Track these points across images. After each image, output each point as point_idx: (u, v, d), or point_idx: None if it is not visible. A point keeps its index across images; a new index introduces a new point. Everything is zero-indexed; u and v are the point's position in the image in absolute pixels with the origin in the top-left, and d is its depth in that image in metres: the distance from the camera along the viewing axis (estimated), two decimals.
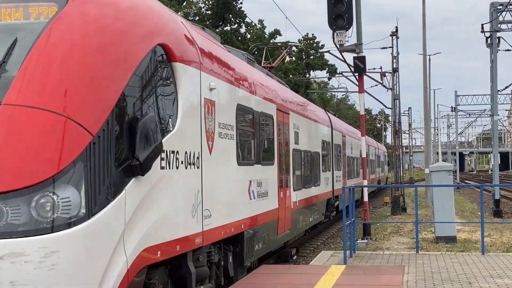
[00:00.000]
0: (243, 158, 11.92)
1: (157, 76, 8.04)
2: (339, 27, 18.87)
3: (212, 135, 9.84)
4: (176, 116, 8.53)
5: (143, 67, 7.62)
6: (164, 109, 8.20)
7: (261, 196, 13.04)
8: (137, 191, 7.22)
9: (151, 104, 7.83)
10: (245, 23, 50.20)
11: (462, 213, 29.65)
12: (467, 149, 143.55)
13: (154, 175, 7.57)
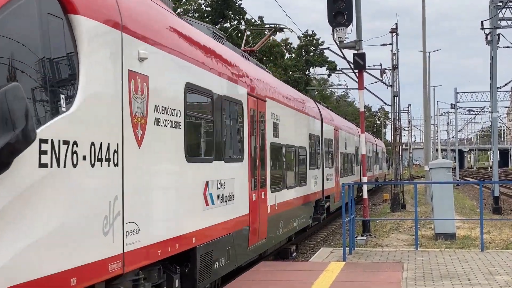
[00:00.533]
0: (195, 153, 9.55)
1: (37, 31, 5.78)
2: (339, 24, 18.86)
3: (142, 122, 7.49)
4: (74, 91, 6.21)
5: (11, 17, 5.44)
6: (51, 79, 5.91)
7: (224, 201, 10.65)
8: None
9: (26, 72, 5.58)
10: (245, 20, 50.14)
11: (461, 210, 29.67)
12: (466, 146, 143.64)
13: (23, 176, 5.37)
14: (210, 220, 9.91)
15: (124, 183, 6.96)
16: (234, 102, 11.55)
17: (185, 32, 9.52)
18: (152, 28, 8.10)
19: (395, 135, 37.31)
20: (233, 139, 11.67)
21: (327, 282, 10.97)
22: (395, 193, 31.73)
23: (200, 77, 9.68)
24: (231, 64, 11.75)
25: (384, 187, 54.75)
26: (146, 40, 7.76)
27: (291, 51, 58.34)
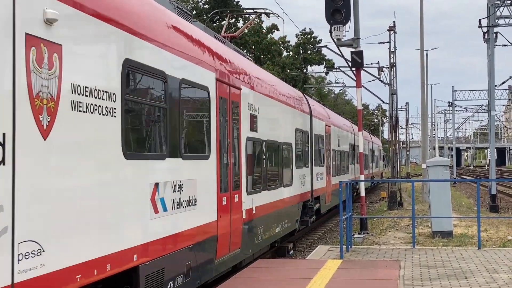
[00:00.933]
0: (138, 148, 7.86)
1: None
2: (337, 21, 18.87)
3: (51, 105, 5.80)
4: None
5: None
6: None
7: (182, 207, 8.89)
8: None
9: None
10: (243, 18, 50.09)
11: (458, 208, 29.71)
12: (464, 144, 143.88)
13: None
14: (160, 231, 8.12)
15: (15, 187, 5.26)
16: (197, 88, 9.72)
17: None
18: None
19: (393, 133, 37.34)
20: (195, 132, 10.05)
21: (325, 280, 10.98)
22: (392, 191, 31.76)
23: (147, 54, 7.89)
24: (195, 43, 9.86)
25: (381, 186, 54.81)
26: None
27: (289, 49, 58.34)
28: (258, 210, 13.27)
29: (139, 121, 7.98)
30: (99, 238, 6.58)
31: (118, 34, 7.16)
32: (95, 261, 6.45)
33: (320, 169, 22.34)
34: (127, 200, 7.27)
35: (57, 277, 5.81)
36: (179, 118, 8.88)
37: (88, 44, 6.59)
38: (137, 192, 7.53)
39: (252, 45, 51.36)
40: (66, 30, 6.06)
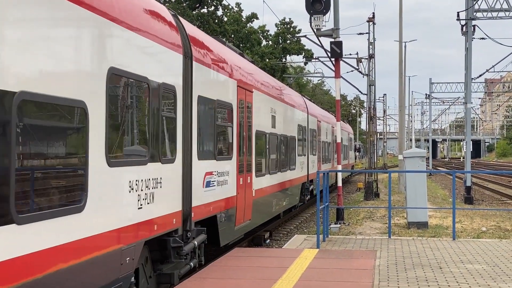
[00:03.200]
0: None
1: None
2: (317, 11, 18.87)
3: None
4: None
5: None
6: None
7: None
8: None
9: None
10: (222, 6, 49.88)
11: (434, 199, 29.98)
12: (440, 136, 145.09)
13: None
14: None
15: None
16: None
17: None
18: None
19: (370, 124, 37.52)
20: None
21: (301, 269, 11.02)
22: (369, 182, 31.95)
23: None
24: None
25: (357, 176, 55.12)
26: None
27: (268, 39, 58.22)
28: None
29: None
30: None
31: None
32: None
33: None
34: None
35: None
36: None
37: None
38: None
39: (231, 34, 51.17)
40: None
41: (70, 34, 6.32)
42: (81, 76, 6.47)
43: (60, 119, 6.20)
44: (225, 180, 12.38)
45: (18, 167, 5.34)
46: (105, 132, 6.77)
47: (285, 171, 19.64)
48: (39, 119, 5.84)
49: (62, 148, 6.32)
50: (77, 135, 6.52)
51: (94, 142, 6.57)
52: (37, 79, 5.65)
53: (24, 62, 5.42)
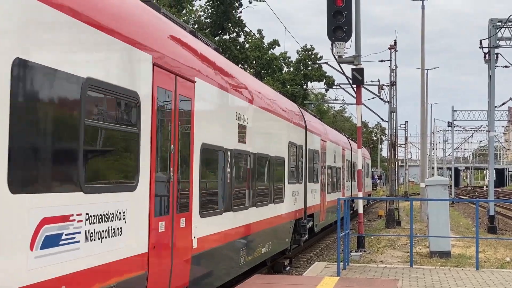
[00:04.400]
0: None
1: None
2: (338, 38, 18.86)
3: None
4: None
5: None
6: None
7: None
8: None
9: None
10: (244, 33, 50.23)
11: (456, 228, 29.60)
12: (462, 164, 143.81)
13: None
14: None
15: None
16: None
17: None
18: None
19: (392, 151, 37.28)
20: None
21: None
22: (390, 210, 31.64)
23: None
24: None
25: (378, 204, 54.65)
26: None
27: (289, 65, 58.44)
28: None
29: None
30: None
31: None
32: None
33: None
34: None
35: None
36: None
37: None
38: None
39: (253, 60, 51.43)
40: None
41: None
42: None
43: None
44: (114, 229, 6.87)
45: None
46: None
47: (265, 205, 14.11)
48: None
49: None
50: None
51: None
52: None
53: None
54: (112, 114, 7.05)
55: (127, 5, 7.75)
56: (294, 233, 18.14)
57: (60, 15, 5.90)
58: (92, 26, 6.46)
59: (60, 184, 5.96)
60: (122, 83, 7.07)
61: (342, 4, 18.50)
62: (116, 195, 6.94)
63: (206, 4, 48.77)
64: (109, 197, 6.78)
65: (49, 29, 5.80)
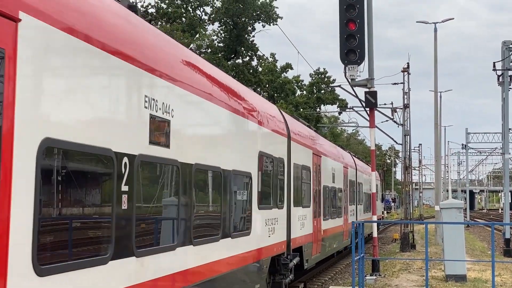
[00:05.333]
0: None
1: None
2: (351, 61, 18.93)
3: None
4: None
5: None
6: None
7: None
8: None
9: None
10: (257, 56, 50.54)
11: (472, 251, 29.32)
12: (477, 187, 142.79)
13: None
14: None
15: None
16: None
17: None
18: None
19: (406, 174, 37.12)
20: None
21: None
22: (405, 233, 31.42)
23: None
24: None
25: (393, 227, 54.31)
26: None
27: (302, 88, 58.61)
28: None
29: None
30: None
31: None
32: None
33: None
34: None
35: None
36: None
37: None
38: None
39: (266, 84, 51.66)
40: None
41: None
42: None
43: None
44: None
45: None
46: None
47: (212, 241, 9.44)
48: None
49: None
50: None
51: None
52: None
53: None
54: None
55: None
56: (273, 274, 13.91)
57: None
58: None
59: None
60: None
61: (355, 27, 18.60)
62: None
63: (219, 28, 49.24)
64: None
65: None
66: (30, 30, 5.12)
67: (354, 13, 18.59)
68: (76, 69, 5.86)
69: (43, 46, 5.34)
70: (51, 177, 5.52)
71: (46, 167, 5.35)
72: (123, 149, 6.60)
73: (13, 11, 4.93)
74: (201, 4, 48.12)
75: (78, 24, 5.87)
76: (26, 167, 5.03)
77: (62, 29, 5.57)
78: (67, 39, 5.64)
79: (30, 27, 5.11)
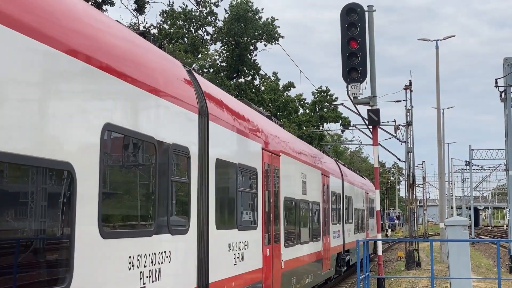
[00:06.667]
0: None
1: None
2: (353, 79, 18.93)
3: None
4: None
5: None
6: None
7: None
8: None
9: None
10: (259, 75, 50.67)
11: (477, 269, 29.15)
12: (481, 204, 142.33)
13: None
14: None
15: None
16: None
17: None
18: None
19: (410, 191, 37.03)
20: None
21: None
22: (409, 251, 31.28)
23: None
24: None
25: (397, 245, 54.08)
26: None
27: (305, 107, 58.69)
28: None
29: None
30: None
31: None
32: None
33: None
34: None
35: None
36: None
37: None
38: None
39: (268, 103, 51.75)
40: None
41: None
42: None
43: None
44: None
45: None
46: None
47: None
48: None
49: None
50: None
51: None
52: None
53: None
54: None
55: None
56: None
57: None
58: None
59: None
60: None
61: (357, 45, 18.63)
62: None
63: (221, 48, 49.42)
64: None
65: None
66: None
67: (356, 32, 18.63)
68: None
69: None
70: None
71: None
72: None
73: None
74: (203, 24, 48.37)
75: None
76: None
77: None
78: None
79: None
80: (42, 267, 5.58)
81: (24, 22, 5.35)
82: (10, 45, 5.13)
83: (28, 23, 5.40)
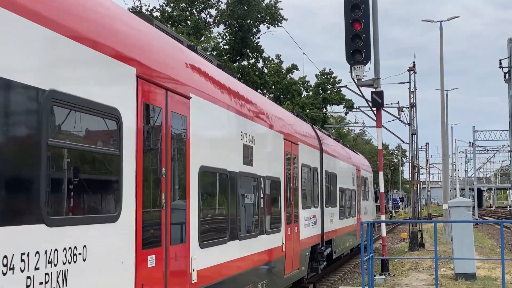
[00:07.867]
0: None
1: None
2: (357, 61, 18.94)
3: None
4: None
5: None
6: None
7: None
8: None
9: None
10: (263, 58, 50.58)
11: (481, 249, 29.27)
12: (485, 185, 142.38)
13: None
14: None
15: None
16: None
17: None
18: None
19: (413, 173, 37.10)
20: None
21: None
22: (413, 232, 31.40)
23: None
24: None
25: (401, 226, 54.25)
26: None
27: (308, 89, 58.62)
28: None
29: None
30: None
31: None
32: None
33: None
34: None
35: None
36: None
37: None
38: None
39: (272, 85, 51.70)
40: None
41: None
42: None
43: None
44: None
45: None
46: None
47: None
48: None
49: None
50: None
51: None
52: None
53: None
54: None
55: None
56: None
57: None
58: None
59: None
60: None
61: (360, 27, 18.62)
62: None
63: (224, 31, 49.32)
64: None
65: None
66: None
67: (359, 13, 18.61)
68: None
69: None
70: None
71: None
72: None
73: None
74: (206, 7, 48.23)
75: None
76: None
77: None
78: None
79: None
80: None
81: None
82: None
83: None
